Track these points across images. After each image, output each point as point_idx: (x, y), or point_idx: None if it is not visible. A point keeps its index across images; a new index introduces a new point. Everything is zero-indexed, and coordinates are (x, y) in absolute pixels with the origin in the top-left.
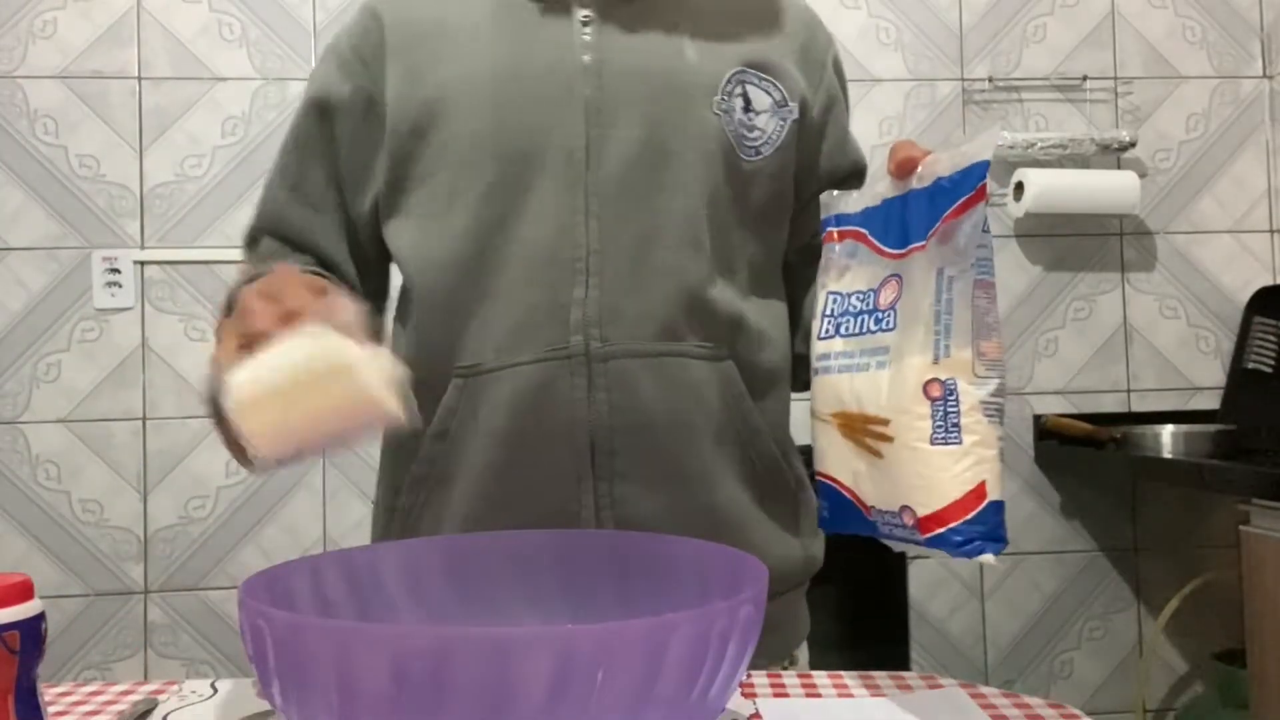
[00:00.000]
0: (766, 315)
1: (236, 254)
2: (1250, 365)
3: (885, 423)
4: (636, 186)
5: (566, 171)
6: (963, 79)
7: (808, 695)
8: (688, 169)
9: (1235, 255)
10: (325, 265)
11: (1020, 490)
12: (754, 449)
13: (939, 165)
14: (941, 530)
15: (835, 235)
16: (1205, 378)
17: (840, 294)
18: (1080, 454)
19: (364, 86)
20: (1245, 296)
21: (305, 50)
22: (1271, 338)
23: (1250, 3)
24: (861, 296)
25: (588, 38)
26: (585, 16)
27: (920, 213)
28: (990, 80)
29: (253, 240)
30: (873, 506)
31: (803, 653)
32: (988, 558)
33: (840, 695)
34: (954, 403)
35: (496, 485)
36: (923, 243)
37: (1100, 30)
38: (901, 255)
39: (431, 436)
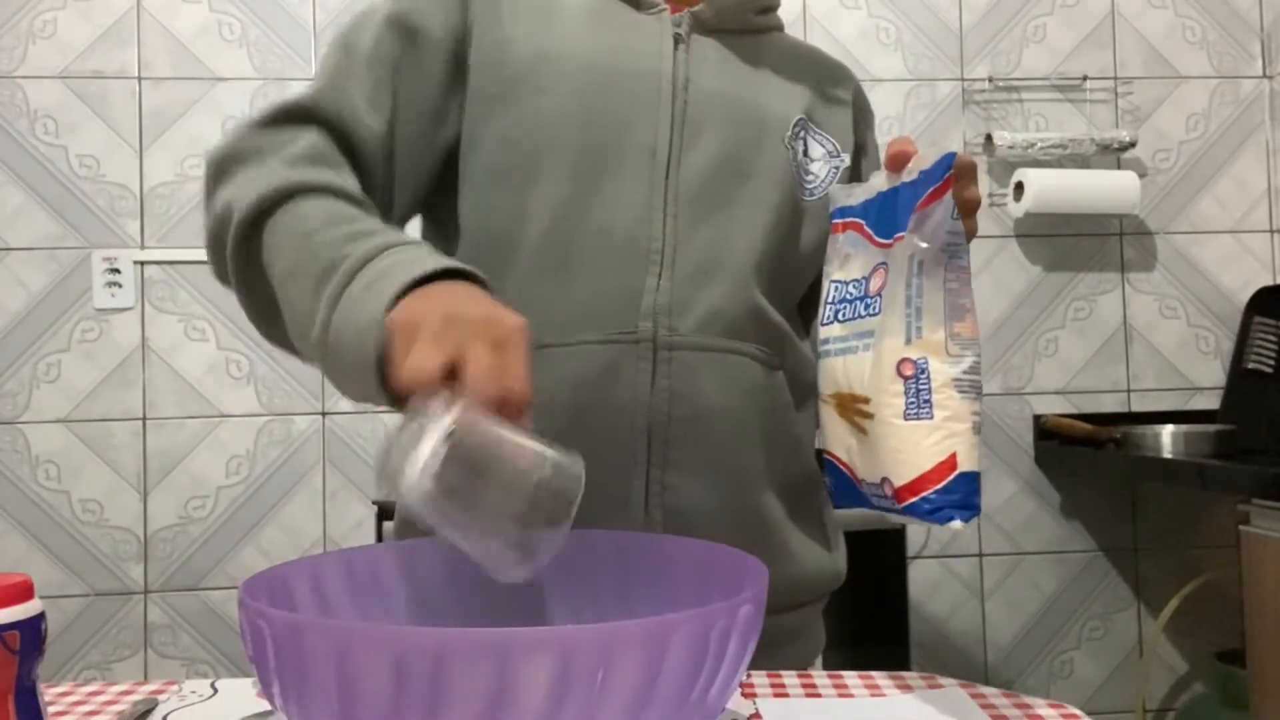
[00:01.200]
0: (805, 342)
1: None
2: (1250, 365)
3: (867, 401)
4: (713, 195)
5: (650, 170)
6: (963, 79)
7: (808, 695)
8: (759, 190)
9: (1235, 255)
10: (362, 185)
11: (1020, 490)
12: (794, 460)
13: (925, 160)
14: (914, 499)
15: (839, 227)
16: (1205, 378)
17: (840, 282)
18: (1080, 454)
19: (456, 26)
20: (1245, 296)
21: (305, 50)
22: (1271, 338)
23: (1250, 3)
24: (857, 284)
25: (681, 52)
26: (679, 33)
27: (905, 204)
28: (990, 80)
29: (291, 117)
30: (863, 480)
31: (818, 667)
32: (956, 524)
33: (840, 695)
34: (925, 380)
35: None
36: (904, 232)
37: (1100, 30)
38: (889, 244)
39: None
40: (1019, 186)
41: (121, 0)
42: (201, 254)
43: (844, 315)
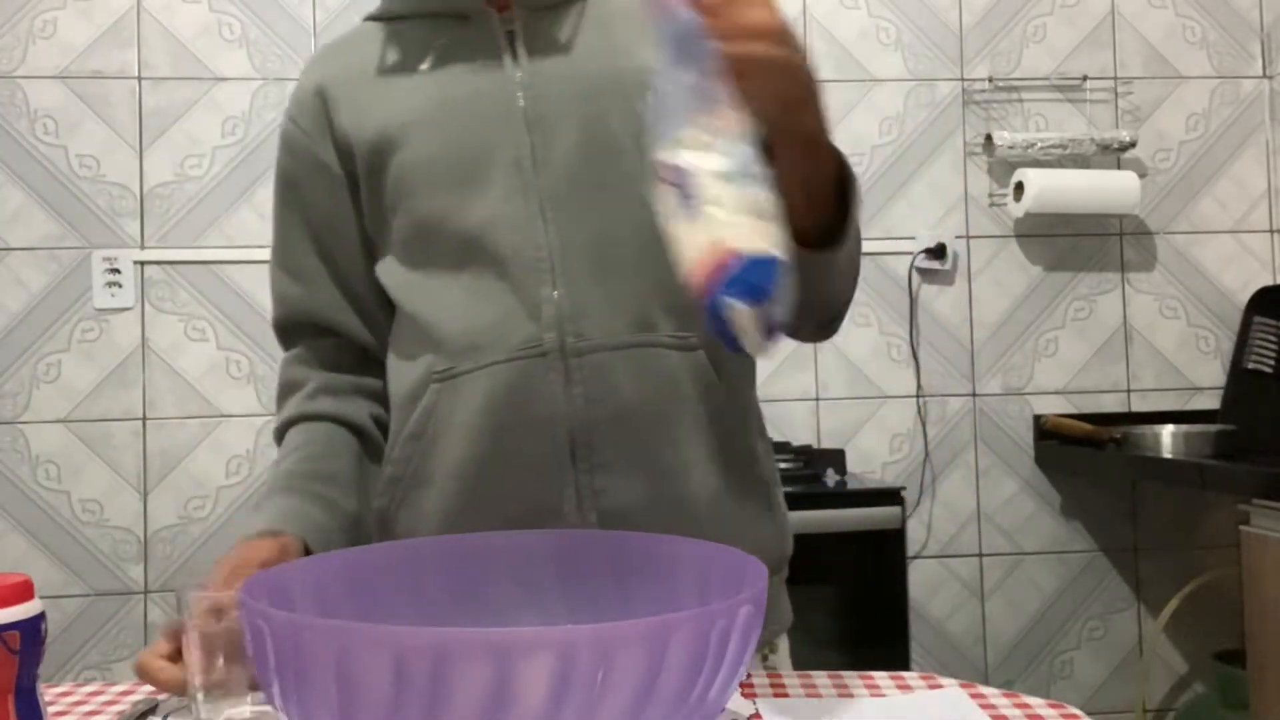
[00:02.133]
0: None
1: (236, 254)
2: (1250, 365)
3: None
4: (586, 186)
5: (516, 180)
6: (963, 79)
7: (808, 695)
8: (635, 162)
9: (1235, 255)
10: (329, 332)
11: (1020, 490)
12: (728, 438)
13: None
14: (703, 296)
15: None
16: (1205, 378)
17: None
18: (1080, 454)
19: (312, 153)
20: (1245, 296)
21: (305, 50)
22: (1271, 338)
23: (1250, 3)
24: None
25: (518, 50)
26: (511, 30)
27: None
28: (990, 80)
29: (279, 329)
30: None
31: (783, 642)
32: (734, 303)
33: (840, 695)
34: (688, 178)
35: (476, 482)
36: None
37: (1100, 30)
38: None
39: (407, 438)
40: (1019, 186)
41: (121, 0)
42: (201, 254)
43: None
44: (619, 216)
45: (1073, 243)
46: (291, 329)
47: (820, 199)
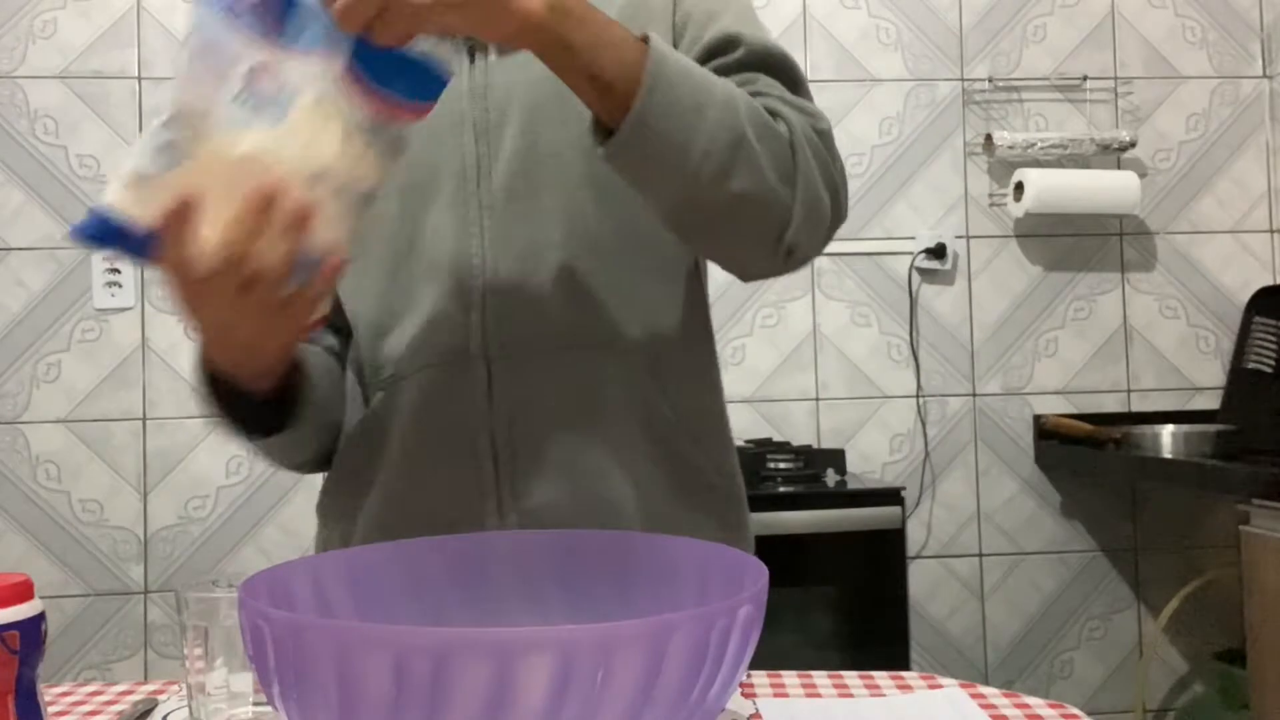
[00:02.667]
0: (670, 305)
1: None
2: (1250, 365)
3: None
4: (521, 193)
5: (459, 190)
6: (963, 79)
7: (808, 695)
8: (566, 166)
9: (1235, 255)
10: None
11: (1020, 490)
12: (663, 441)
13: None
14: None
15: None
16: (1205, 378)
17: None
18: (1080, 454)
19: None
20: (1245, 296)
21: None
22: (1271, 338)
23: (1250, 3)
24: None
25: (479, 61)
26: (473, 45)
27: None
28: (990, 80)
29: None
30: None
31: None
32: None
33: (840, 695)
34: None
35: (406, 485)
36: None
37: (1100, 30)
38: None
39: (351, 441)
40: (1019, 186)
41: (121, 0)
42: None
43: None
44: (548, 220)
45: (1073, 243)
46: None
47: (615, 82)
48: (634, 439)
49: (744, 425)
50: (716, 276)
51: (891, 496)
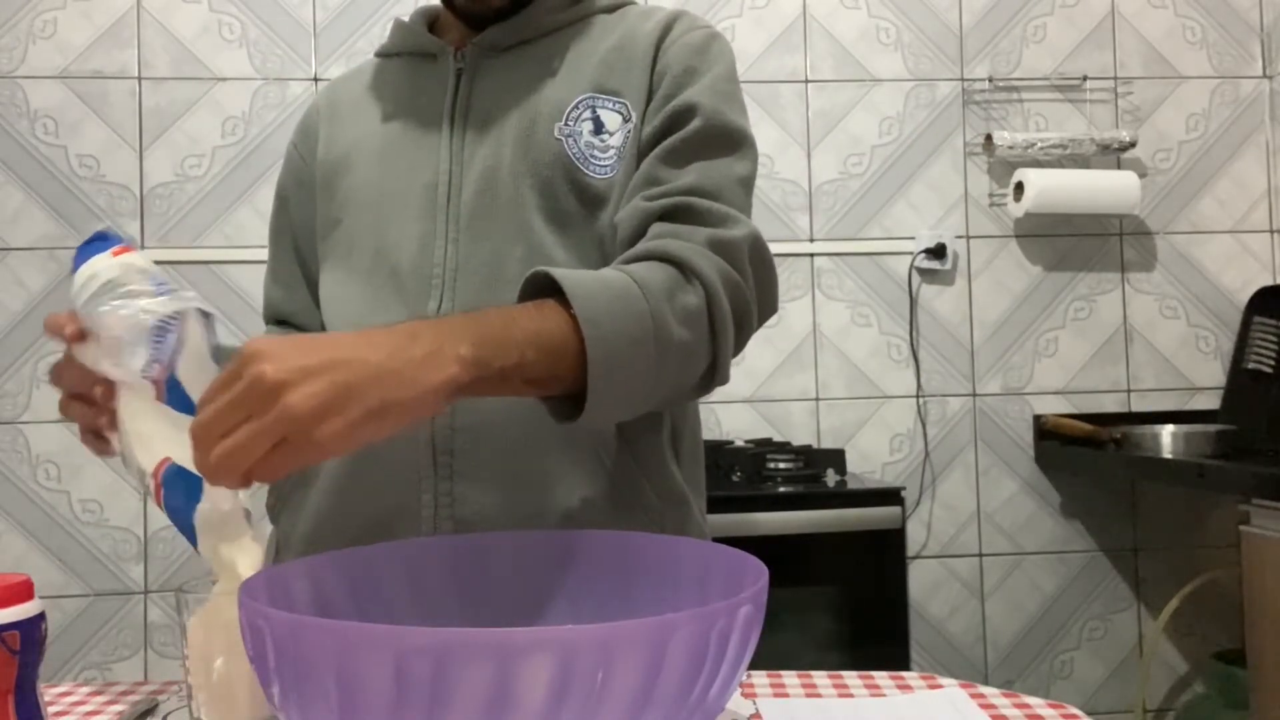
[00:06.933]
0: None
1: (236, 254)
2: (1250, 365)
3: None
4: (486, 209)
5: (429, 203)
6: (963, 79)
7: (808, 695)
8: (528, 191)
9: (1235, 255)
10: (302, 330)
11: (1020, 490)
12: (605, 455)
13: None
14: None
15: None
16: (1205, 378)
17: None
18: (1080, 454)
19: (300, 172)
20: (1245, 296)
21: (305, 50)
22: (1271, 338)
23: (1250, 3)
24: None
25: (464, 85)
26: (460, 68)
27: None
28: (990, 80)
29: (266, 324)
30: None
31: None
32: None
33: (840, 695)
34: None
35: (347, 483)
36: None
37: (1100, 30)
38: None
39: None
40: (1019, 186)
41: (121, 0)
42: (201, 254)
43: None
44: (510, 237)
45: (1073, 243)
46: (274, 325)
47: (556, 378)
48: (573, 449)
49: (744, 425)
50: None
51: (891, 496)
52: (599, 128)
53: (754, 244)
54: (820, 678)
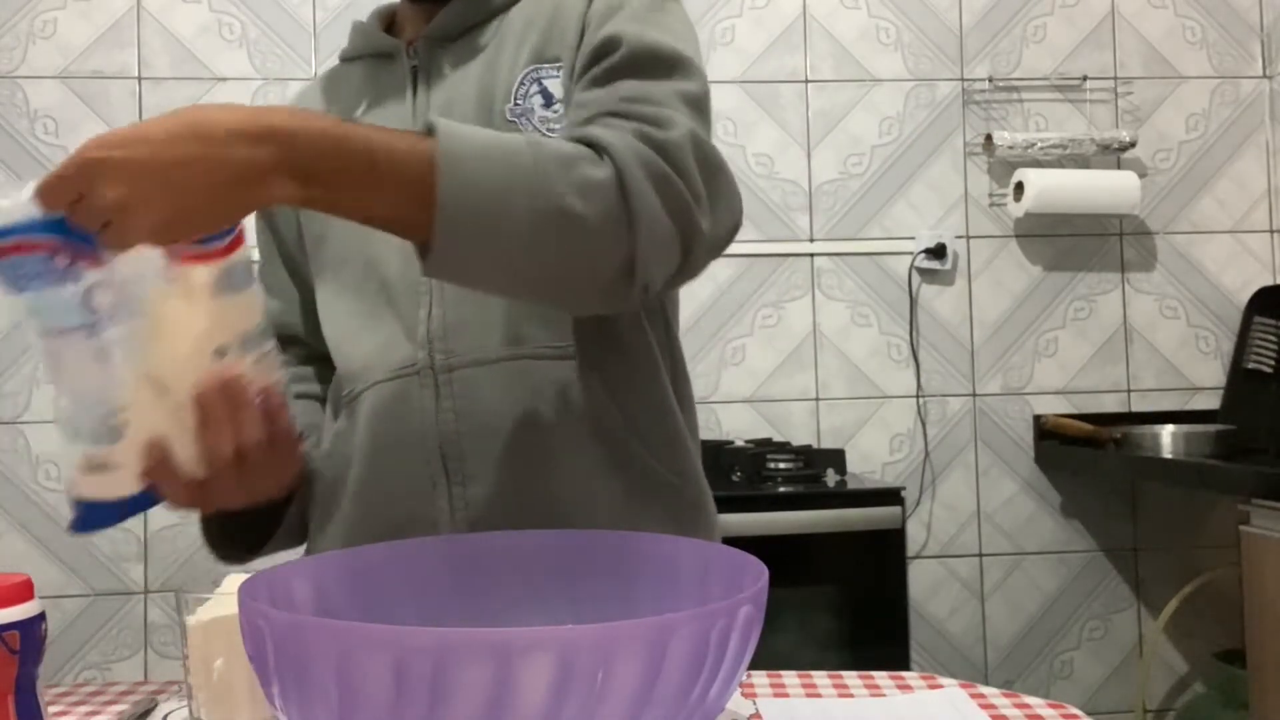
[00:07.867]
0: (612, 315)
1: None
2: (1250, 365)
3: None
4: None
5: None
6: (963, 79)
7: (808, 695)
8: None
9: (1235, 255)
10: (296, 340)
11: (1020, 490)
12: (613, 444)
13: None
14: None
15: None
16: (1205, 378)
17: None
18: (1080, 454)
19: None
20: (1245, 296)
21: (305, 50)
22: (1271, 338)
23: (1250, 3)
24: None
25: (421, 83)
26: (415, 65)
27: None
28: (990, 80)
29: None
30: None
31: None
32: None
33: (840, 695)
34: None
35: (367, 494)
36: None
37: (1100, 30)
38: None
39: (323, 457)
40: (1019, 186)
41: (121, 0)
42: None
43: None
44: None
45: (1073, 243)
46: (283, 345)
47: (404, 213)
48: (582, 442)
49: (744, 425)
50: (716, 277)
51: (891, 496)
52: (549, 100)
53: (697, 143)
54: (820, 678)
